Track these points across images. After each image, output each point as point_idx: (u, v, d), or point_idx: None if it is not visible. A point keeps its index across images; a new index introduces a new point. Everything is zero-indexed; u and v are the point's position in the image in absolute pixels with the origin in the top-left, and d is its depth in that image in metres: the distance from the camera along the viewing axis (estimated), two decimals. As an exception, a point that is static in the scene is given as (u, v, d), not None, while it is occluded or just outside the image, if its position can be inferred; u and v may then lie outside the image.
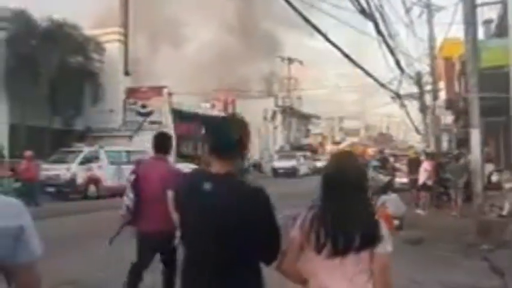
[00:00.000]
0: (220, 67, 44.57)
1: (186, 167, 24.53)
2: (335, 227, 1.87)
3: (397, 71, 17.73)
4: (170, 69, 39.75)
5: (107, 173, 17.04)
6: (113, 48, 25.42)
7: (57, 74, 20.33)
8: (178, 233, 3.25)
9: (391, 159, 16.64)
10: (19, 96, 19.76)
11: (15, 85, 19.54)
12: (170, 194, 3.48)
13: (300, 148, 40.97)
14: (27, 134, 19.89)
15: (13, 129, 20.29)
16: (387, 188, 11.78)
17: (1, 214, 1.43)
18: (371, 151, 30.30)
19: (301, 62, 43.32)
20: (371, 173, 11.98)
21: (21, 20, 20.55)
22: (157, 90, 25.97)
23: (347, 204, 1.90)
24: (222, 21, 50.56)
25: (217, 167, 1.95)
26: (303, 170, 33.57)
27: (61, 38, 21.15)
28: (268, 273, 2.01)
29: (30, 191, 13.89)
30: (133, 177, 4.06)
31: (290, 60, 42.53)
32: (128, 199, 4.02)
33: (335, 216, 1.89)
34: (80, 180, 16.34)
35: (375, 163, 14.07)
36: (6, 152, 17.64)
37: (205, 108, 36.91)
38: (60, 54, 20.87)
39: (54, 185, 15.91)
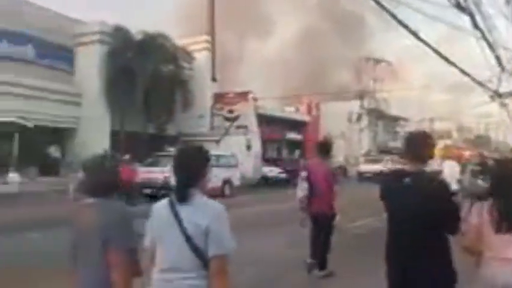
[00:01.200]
0: (304, 70, 44.53)
1: (270, 171, 25.01)
2: (508, 213, 2.64)
3: (496, 68, 16.34)
4: (254, 73, 40.56)
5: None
6: (201, 56, 26.65)
7: (151, 83, 21.74)
8: (338, 217, 5.46)
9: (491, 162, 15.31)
10: (118, 105, 21.47)
11: (114, 95, 21.26)
12: (336, 187, 5.39)
13: (388, 151, 39.44)
14: (126, 140, 21.48)
15: (114, 135, 22.06)
16: (488, 194, 10.84)
17: (200, 214, 1.94)
18: (467, 154, 28.25)
19: (389, 63, 41.81)
20: (469, 178, 11.14)
21: (119, 34, 22.33)
22: (243, 96, 26.62)
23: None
24: (305, 22, 50.45)
25: (411, 166, 2.72)
26: (392, 174, 32.12)
27: (154, 49, 22.58)
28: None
29: (129, 193, 14.96)
30: (305, 173, 5.56)
31: (377, 61, 41.22)
32: (303, 190, 5.48)
33: (506, 205, 2.67)
34: (173, 182, 17.17)
35: (473, 167, 13.05)
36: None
37: (289, 111, 37.16)
38: (153, 64, 22.29)
39: (151, 187, 16.89)
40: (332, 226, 5.50)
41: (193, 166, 2.08)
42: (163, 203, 2.09)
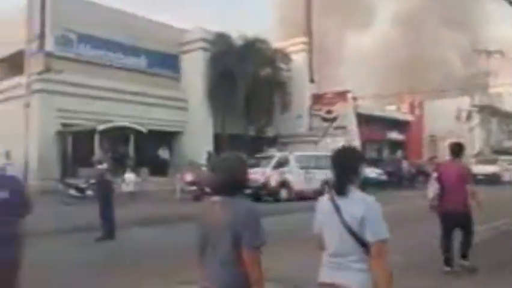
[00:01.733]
0: (406, 65, 42.36)
1: (371, 173, 24.21)
2: None
3: None
4: (352, 71, 39.60)
5: (296, 177, 17.86)
6: (298, 57, 26.76)
7: (251, 86, 22.35)
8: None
9: None
10: (220, 109, 22.43)
11: (217, 99, 22.25)
12: (469, 187, 5.57)
13: (503, 152, 35.91)
14: (228, 142, 22.33)
15: (216, 138, 23.09)
16: None
17: (356, 205, 2.21)
18: None
19: (502, 53, 38.10)
20: None
21: (220, 40, 23.31)
22: (342, 95, 26.18)
23: None
24: (410, 16, 47.82)
25: None
26: (507, 176, 29.27)
27: (253, 53, 23.18)
28: None
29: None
30: (436, 174, 5.94)
31: (489, 53, 37.83)
32: (433, 190, 5.81)
33: None
34: (273, 183, 17.49)
35: None
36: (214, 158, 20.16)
37: (389, 111, 35.71)
38: (253, 68, 22.88)
39: (252, 188, 17.36)
40: (471, 224, 5.75)
41: (349, 164, 2.33)
42: (326, 197, 2.37)
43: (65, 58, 19.34)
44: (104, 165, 9.43)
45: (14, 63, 20.37)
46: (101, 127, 18.03)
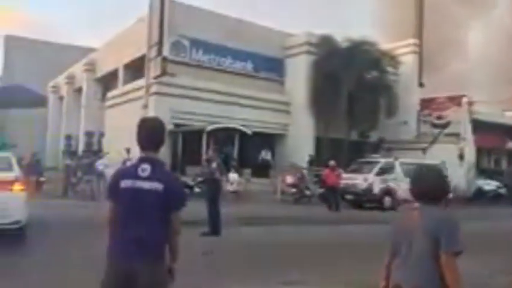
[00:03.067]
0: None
1: (487, 184, 22.22)
2: None
3: None
4: (468, 75, 36.67)
5: (401, 185, 17.06)
6: (407, 60, 25.53)
7: (355, 89, 21.87)
8: None
9: None
10: (323, 112, 22.28)
11: (319, 103, 22.14)
12: None
13: None
14: (329, 146, 22.11)
15: (318, 141, 23.00)
16: None
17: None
18: None
19: None
20: None
21: (325, 43, 23.16)
22: (456, 100, 24.39)
23: None
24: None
25: None
26: None
27: (359, 56, 22.64)
28: None
29: (333, 197, 15.38)
30: None
31: None
32: None
33: None
34: (376, 190, 16.92)
35: None
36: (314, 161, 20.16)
37: (509, 117, 32.39)
38: (358, 71, 22.36)
39: (353, 193, 17.00)
40: None
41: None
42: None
43: (178, 62, 20.78)
44: (214, 165, 9.91)
45: (137, 68, 22.43)
46: (209, 128, 19.02)
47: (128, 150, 16.65)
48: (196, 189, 15.60)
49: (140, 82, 20.91)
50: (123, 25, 25.57)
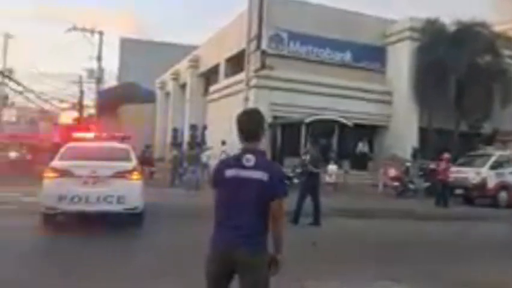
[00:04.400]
0: None
1: None
2: None
3: None
4: None
5: (520, 180, 15.49)
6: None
7: (465, 76, 20.20)
8: None
9: None
10: (427, 102, 20.95)
11: (423, 91, 20.84)
12: None
13: None
14: (435, 137, 20.78)
15: (422, 132, 21.74)
16: None
17: None
18: None
19: None
20: None
21: (430, 28, 21.68)
22: None
23: None
24: None
25: None
26: None
27: (469, 39, 20.86)
28: None
29: (442, 192, 14.46)
30: None
31: None
32: None
33: None
34: (490, 185, 15.55)
35: None
36: (419, 154, 19.13)
37: None
38: (468, 56, 20.62)
39: (462, 188, 15.83)
40: None
41: None
42: None
43: (277, 55, 21.00)
44: (307, 157, 9.98)
45: (237, 62, 23.16)
46: (308, 119, 19.00)
47: (223, 142, 17.39)
48: (295, 181, 15.71)
49: (241, 76, 21.54)
50: (224, 22, 26.54)
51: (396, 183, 17.14)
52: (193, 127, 29.95)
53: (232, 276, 2.73)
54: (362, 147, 22.01)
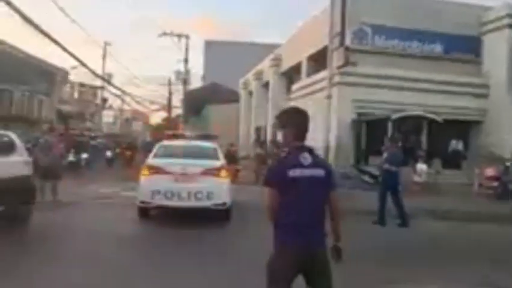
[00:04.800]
0: None
1: None
2: None
3: None
4: None
5: None
6: None
7: None
8: None
9: None
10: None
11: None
12: None
13: None
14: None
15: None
16: None
17: None
18: None
19: None
20: None
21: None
22: None
23: None
24: None
25: None
26: None
27: None
28: None
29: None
30: None
31: None
32: None
33: None
34: None
35: None
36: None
37: None
38: None
39: None
40: None
41: None
42: None
43: (361, 51, 20.40)
44: (384, 155, 9.69)
45: (319, 60, 22.91)
46: (394, 116, 18.25)
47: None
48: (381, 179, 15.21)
49: (323, 73, 21.27)
50: (306, 19, 26.39)
51: (494, 184, 15.85)
52: (275, 125, 30.22)
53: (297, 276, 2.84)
54: (455, 145, 20.62)
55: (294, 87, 26.61)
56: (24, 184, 7.39)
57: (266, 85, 33.58)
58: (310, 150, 2.92)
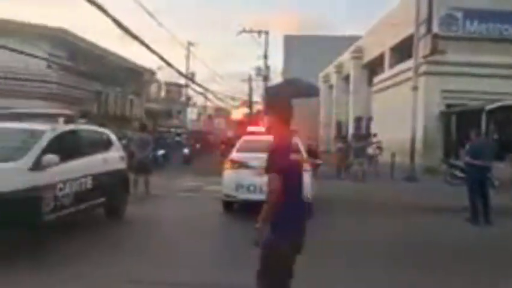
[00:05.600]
0: None
1: None
2: None
3: None
4: None
5: None
6: None
7: None
8: None
9: None
10: None
11: None
12: None
13: None
14: None
15: None
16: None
17: None
18: None
19: None
20: None
21: None
22: None
23: None
24: None
25: None
26: None
27: None
28: None
29: None
30: None
31: None
32: None
33: None
34: None
35: None
36: None
37: None
38: None
39: None
40: None
41: None
42: None
43: (449, 38, 19.14)
44: (466, 147, 9.13)
45: (403, 49, 21.92)
46: (489, 107, 16.89)
47: (374, 135, 16.97)
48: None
49: (408, 63, 20.31)
50: (387, 8, 25.33)
51: None
52: (358, 119, 29.50)
53: None
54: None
55: (376, 79, 25.77)
56: (121, 177, 7.98)
57: (347, 78, 32.87)
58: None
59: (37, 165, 5.61)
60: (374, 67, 28.08)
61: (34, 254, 5.38)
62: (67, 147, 6.38)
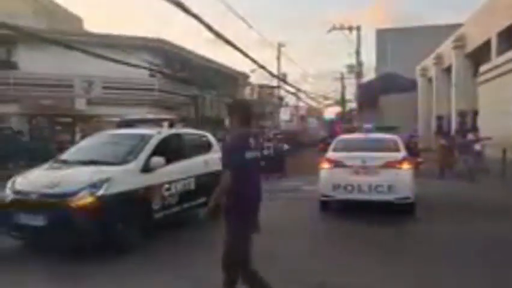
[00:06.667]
0: None
1: None
2: None
3: None
4: None
5: None
6: None
7: None
8: None
9: None
10: None
11: None
12: None
13: None
14: None
15: None
16: None
17: None
18: None
19: None
20: None
21: None
22: None
23: None
24: None
25: None
26: None
27: None
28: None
29: None
30: None
31: None
32: None
33: None
34: None
35: None
36: None
37: None
38: None
39: None
40: None
41: None
42: None
43: None
44: None
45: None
46: None
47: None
48: None
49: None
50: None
51: None
52: (461, 113, 27.47)
53: None
54: None
55: (483, 68, 23.76)
56: (219, 178, 8.29)
57: (448, 69, 30.76)
58: (254, 136, 3.60)
59: (147, 167, 6.09)
60: (479, 56, 25.91)
61: (145, 251, 5.80)
62: (171, 150, 6.83)
